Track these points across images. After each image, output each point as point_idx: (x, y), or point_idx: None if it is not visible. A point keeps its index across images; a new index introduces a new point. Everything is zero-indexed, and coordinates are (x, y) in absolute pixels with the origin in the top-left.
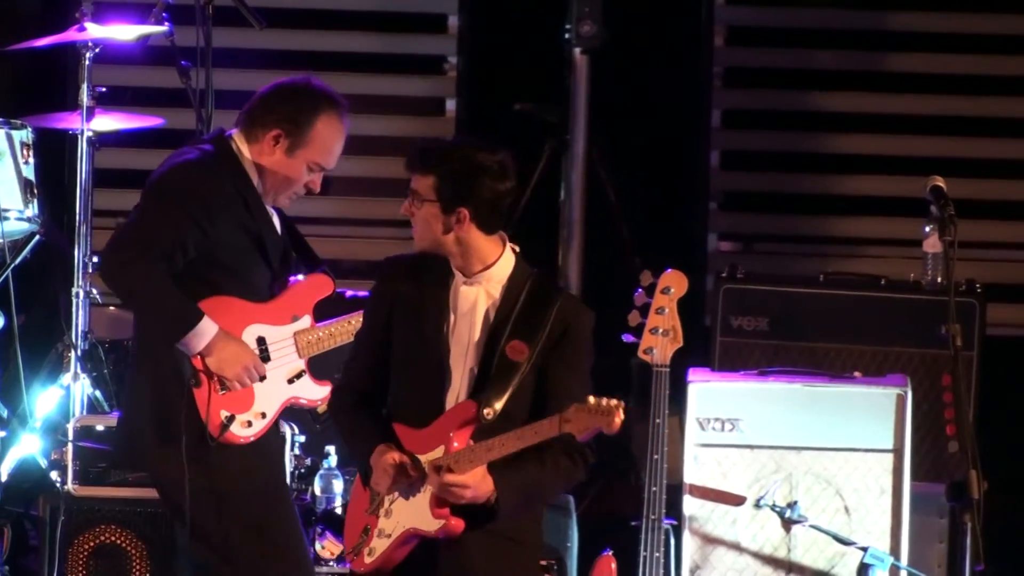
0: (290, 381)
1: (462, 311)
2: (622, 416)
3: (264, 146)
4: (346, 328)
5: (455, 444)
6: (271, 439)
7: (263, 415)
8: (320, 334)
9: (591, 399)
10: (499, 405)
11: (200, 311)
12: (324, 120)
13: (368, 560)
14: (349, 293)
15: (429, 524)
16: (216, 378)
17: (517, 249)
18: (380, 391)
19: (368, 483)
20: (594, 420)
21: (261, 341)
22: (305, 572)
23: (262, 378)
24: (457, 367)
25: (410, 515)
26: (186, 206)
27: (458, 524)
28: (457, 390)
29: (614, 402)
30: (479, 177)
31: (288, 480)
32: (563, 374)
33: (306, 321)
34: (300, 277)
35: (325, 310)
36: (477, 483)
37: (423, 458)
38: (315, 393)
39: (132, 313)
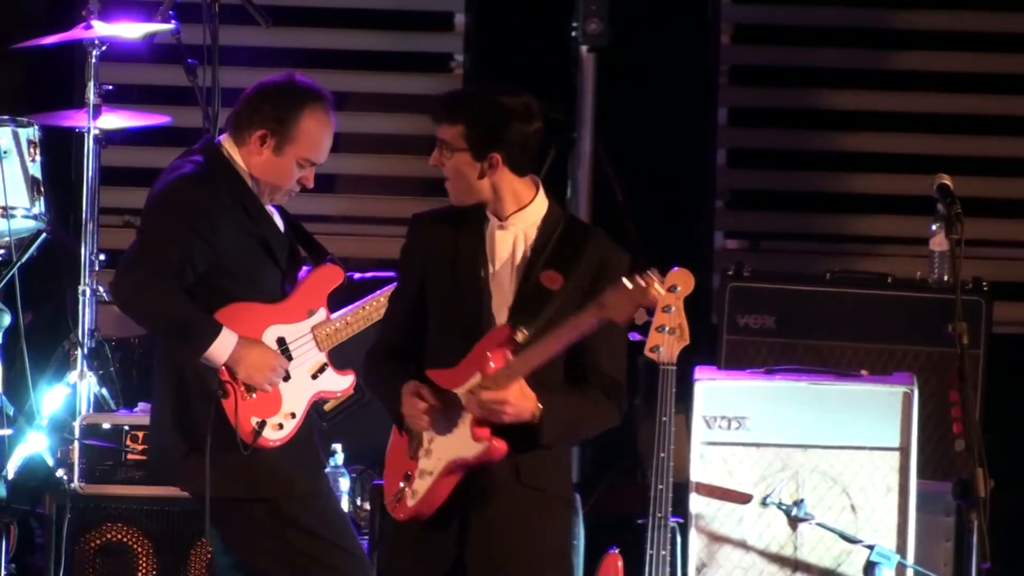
0: (314, 376)
1: (500, 255)
2: (658, 288)
3: (252, 147)
4: (361, 315)
5: (491, 365)
6: (301, 438)
7: (292, 415)
8: (337, 325)
9: (624, 280)
10: (532, 327)
11: (218, 324)
12: (309, 115)
13: (411, 503)
14: (357, 276)
15: (471, 449)
16: (243, 386)
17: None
18: (412, 348)
19: (402, 428)
20: (632, 298)
21: (281, 341)
22: (363, 565)
23: (287, 377)
24: (499, 311)
25: (451, 447)
26: (190, 221)
27: (501, 445)
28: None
29: (648, 276)
30: (508, 120)
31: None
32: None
33: (322, 314)
34: (310, 270)
35: (339, 298)
36: (517, 398)
37: (460, 389)
38: (340, 384)
39: (152, 333)
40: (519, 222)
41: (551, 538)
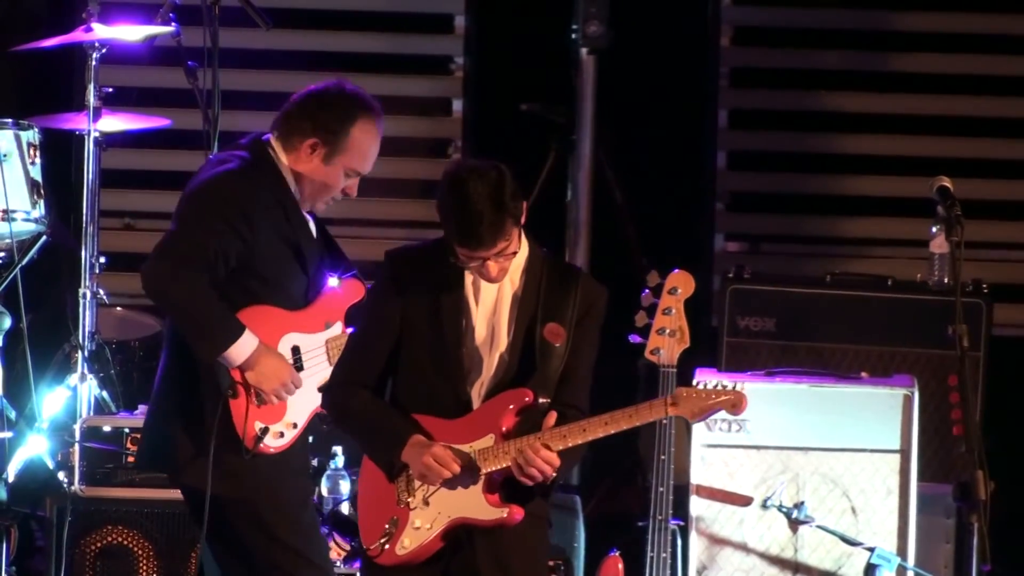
0: (320, 390)
1: (484, 302)
2: (745, 400)
3: (301, 154)
4: None
5: (503, 431)
6: (297, 449)
7: (294, 425)
8: None
9: (700, 385)
10: (551, 390)
11: (242, 325)
12: (360, 127)
13: (400, 552)
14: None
15: (485, 513)
16: (253, 391)
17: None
18: (380, 387)
19: (394, 478)
20: (712, 403)
21: (296, 351)
22: None
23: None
24: (484, 356)
25: (456, 505)
26: (228, 216)
27: (518, 512)
28: (483, 380)
29: (735, 386)
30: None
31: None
32: (582, 351)
33: (337, 328)
34: (333, 282)
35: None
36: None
37: (467, 447)
38: None
39: (174, 323)
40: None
41: (530, 553)
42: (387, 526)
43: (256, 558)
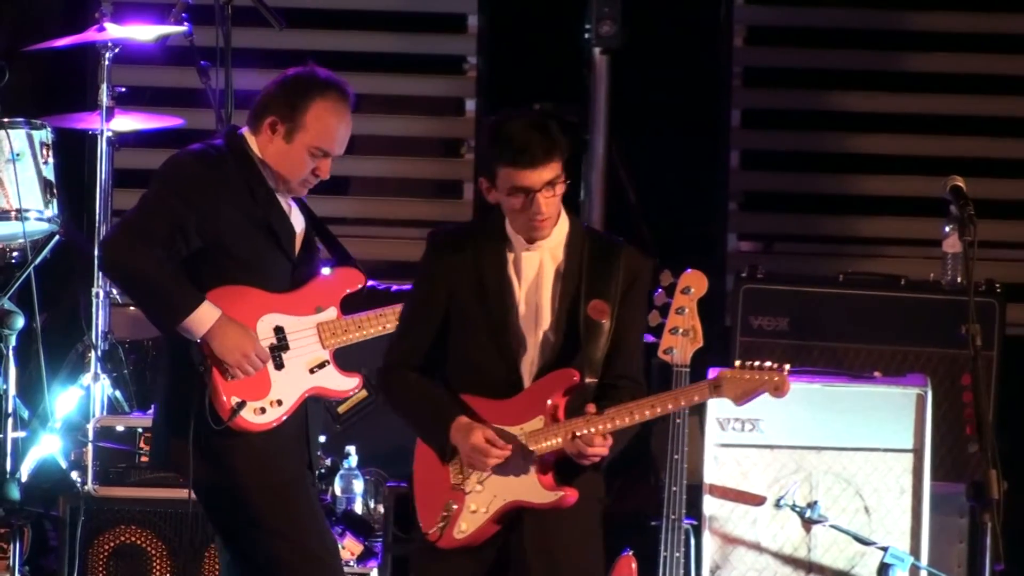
0: (312, 371)
1: (527, 277)
2: (788, 382)
3: (264, 135)
4: (378, 321)
5: (552, 412)
6: (289, 433)
7: (279, 403)
8: (345, 325)
9: (740, 364)
10: (597, 369)
11: (200, 296)
12: (320, 103)
13: (458, 536)
14: (395, 287)
15: (539, 496)
16: (221, 364)
17: None
18: (430, 367)
19: (447, 459)
20: (755, 385)
21: (279, 330)
22: (324, 568)
23: (280, 365)
24: (529, 334)
25: (510, 488)
26: (183, 192)
27: (573, 494)
28: (531, 357)
29: (775, 366)
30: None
31: (305, 475)
32: (628, 324)
33: (331, 313)
34: (326, 270)
35: (357, 305)
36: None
37: (517, 429)
38: (341, 384)
39: (133, 301)
40: (547, 243)
41: (581, 534)
42: (444, 510)
43: (246, 545)
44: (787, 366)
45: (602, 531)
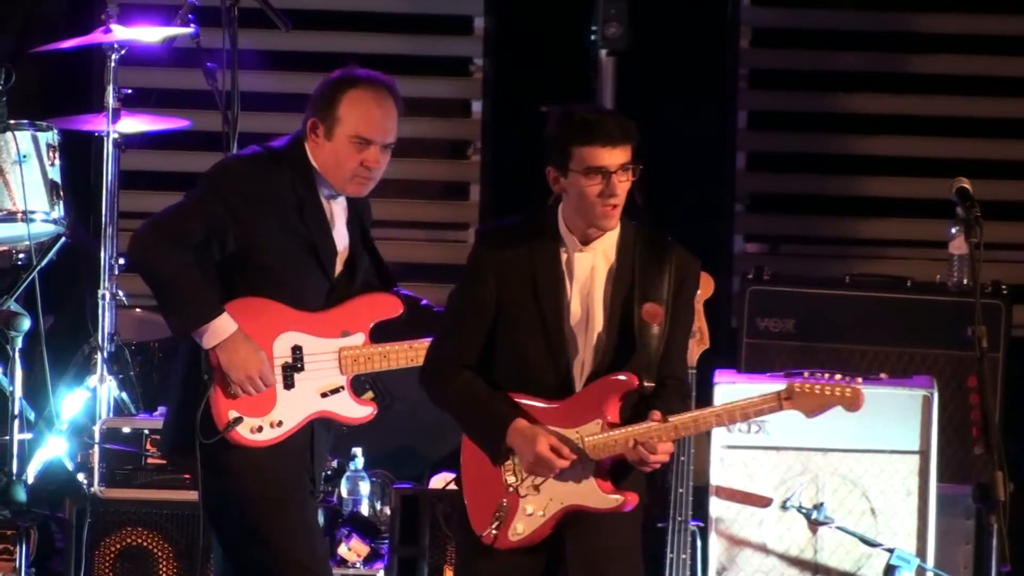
0: (324, 395)
1: (579, 278)
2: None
3: (310, 139)
4: (406, 354)
5: (609, 417)
6: (292, 449)
7: (279, 423)
8: (371, 353)
9: (808, 374)
10: (653, 372)
11: (219, 307)
12: (351, 94)
13: (514, 538)
14: (424, 301)
15: (600, 501)
16: (227, 377)
17: None
18: (479, 363)
19: (499, 462)
20: (829, 400)
21: (297, 349)
22: None
23: (288, 386)
24: (581, 335)
25: (568, 492)
26: (227, 199)
27: (634, 498)
28: (583, 359)
29: (847, 379)
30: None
31: (304, 489)
32: (678, 326)
33: (358, 339)
34: (365, 295)
35: (409, 320)
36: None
37: (574, 432)
38: (353, 411)
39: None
40: (600, 244)
41: (629, 533)
42: (497, 511)
43: (238, 551)
44: (859, 379)
45: (641, 536)
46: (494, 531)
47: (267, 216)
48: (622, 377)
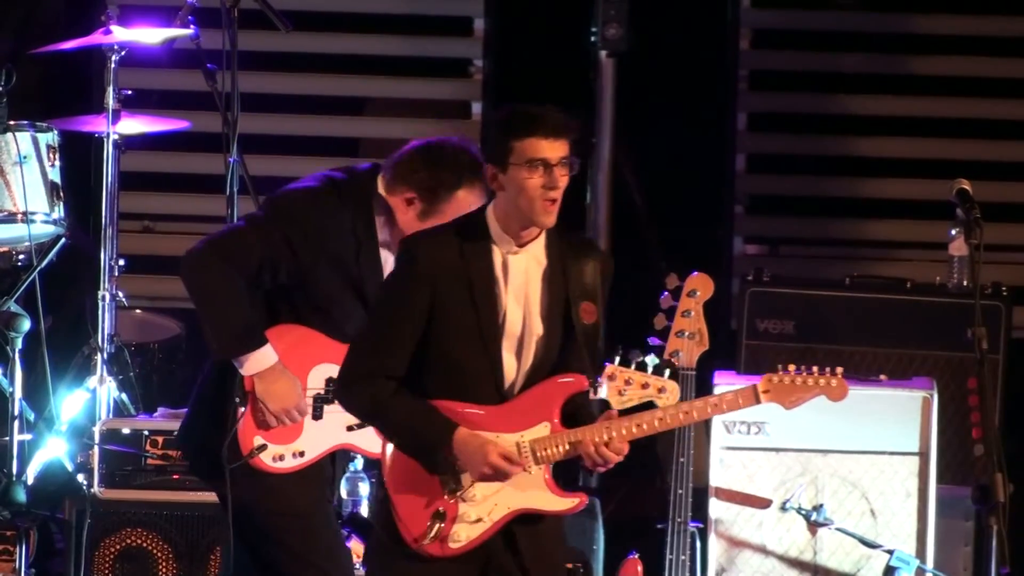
0: (350, 428)
1: (515, 280)
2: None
3: (398, 202)
4: None
5: (556, 419)
6: (311, 474)
7: (301, 454)
8: None
9: (782, 369)
10: (594, 371)
11: (264, 338)
12: (461, 195)
13: (454, 546)
14: None
15: (553, 503)
16: (260, 405)
17: None
18: (404, 373)
19: (440, 470)
20: (811, 390)
21: (330, 381)
22: None
23: (317, 417)
24: (519, 338)
25: (515, 496)
26: (289, 231)
27: (585, 498)
28: (522, 362)
29: (827, 370)
30: None
31: (326, 505)
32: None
33: None
34: None
35: None
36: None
37: (517, 436)
38: (377, 446)
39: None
40: (532, 246)
41: (560, 534)
42: (433, 518)
43: (272, 566)
44: (840, 369)
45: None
46: (431, 539)
47: (324, 255)
48: (570, 379)
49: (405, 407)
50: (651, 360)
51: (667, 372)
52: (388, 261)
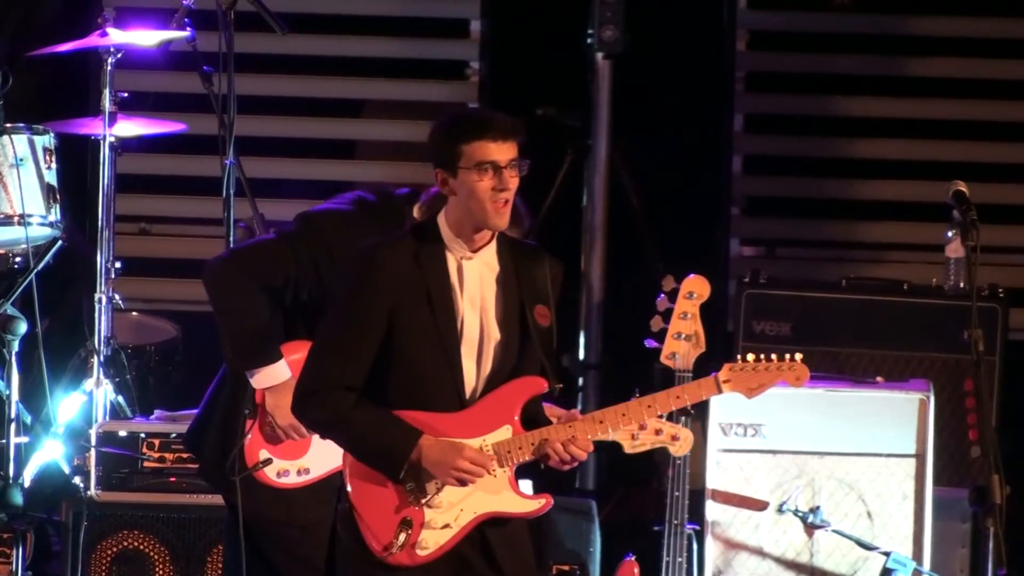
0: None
1: (470, 285)
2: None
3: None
4: None
5: (519, 421)
6: (317, 487)
7: (306, 471)
8: None
9: (742, 358)
10: (552, 373)
11: (279, 353)
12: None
13: (422, 553)
14: None
15: (519, 505)
16: (268, 418)
17: None
18: (363, 383)
19: (404, 479)
20: (772, 376)
21: None
22: None
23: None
24: (477, 343)
25: (481, 500)
26: (315, 251)
27: (550, 500)
28: (480, 367)
29: (788, 356)
30: None
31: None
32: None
33: None
34: None
35: None
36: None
37: (479, 440)
38: None
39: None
40: (485, 251)
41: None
42: (400, 526)
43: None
44: (799, 355)
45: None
46: (399, 547)
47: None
48: (529, 381)
49: (366, 417)
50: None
51: (682, 420)
52: None
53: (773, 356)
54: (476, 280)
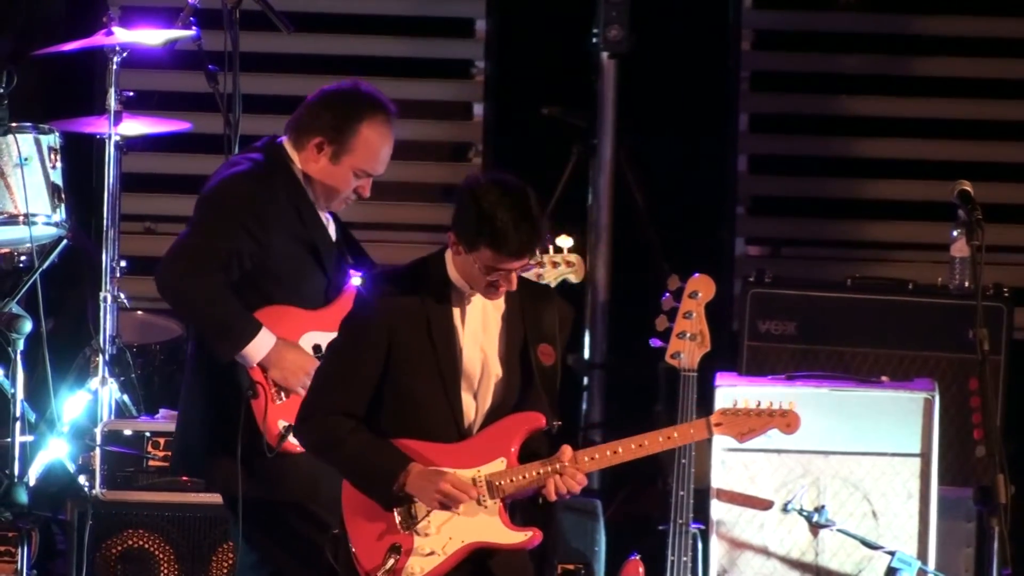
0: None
1: (472, 321)
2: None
3: (309, 154)
4: None
5: (514, 455)
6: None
7: None
8: None
9: (735, 404)
10: (554, 411)
11: (258, 323)
12: (367, 126)
13: None
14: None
15: (506, 537)
16: (274, 388)
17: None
18: (362, 413)
19: (391, 506)
20: (764, 423)
21: (317, 348)
22: None
23: None
24: (477, 377)
25: (470, 530)
26: (240, 218)
27: (539, 534)
28: (479, 401)
29: (781, 405)
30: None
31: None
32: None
33: None
34: (355, 281)
35: None
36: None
37: (473, 471)
38: None
39: (190, 325)
40: None
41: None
42: (388, 552)
43: (314, 553)
44: (795, 404)
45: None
46: (385, 572)
47: (277, 230)
48: (530, 417)
49: (359, 442)
50: (563, 242)
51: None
52: (327, 221)
53: (767, 403)
54: (479, 316)
